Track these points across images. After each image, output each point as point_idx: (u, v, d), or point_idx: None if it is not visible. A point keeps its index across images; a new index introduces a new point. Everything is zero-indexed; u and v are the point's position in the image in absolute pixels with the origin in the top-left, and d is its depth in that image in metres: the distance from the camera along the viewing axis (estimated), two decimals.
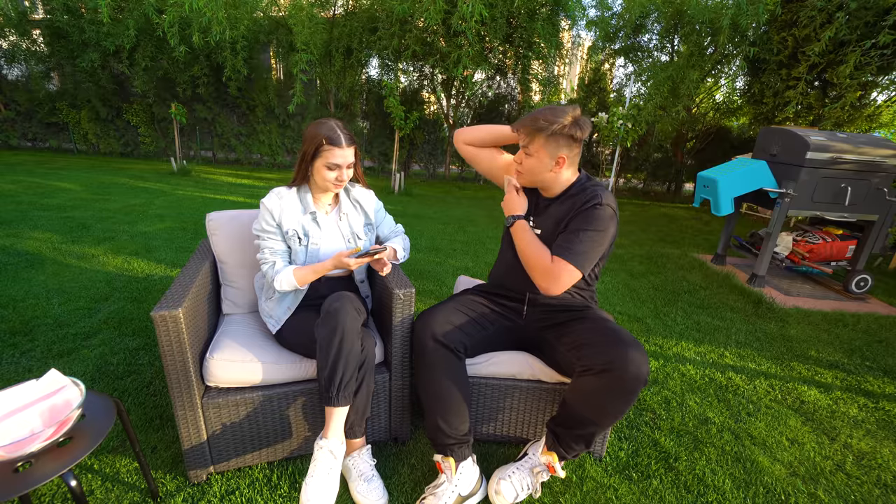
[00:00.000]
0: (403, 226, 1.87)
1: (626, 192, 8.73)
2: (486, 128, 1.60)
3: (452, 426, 1.37)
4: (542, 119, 1.31)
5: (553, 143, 1.32)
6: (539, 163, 1.36)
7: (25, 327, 2.24)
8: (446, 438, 1.38)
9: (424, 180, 8.49)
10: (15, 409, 1.02)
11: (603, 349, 1.27)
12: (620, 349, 1.24)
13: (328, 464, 1.27)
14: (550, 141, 1.32)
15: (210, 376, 1.35)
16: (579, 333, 1.39)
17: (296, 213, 1.50)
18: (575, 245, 1.30)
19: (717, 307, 3.09)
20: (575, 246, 1.30)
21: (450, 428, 1.37)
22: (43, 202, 4.71)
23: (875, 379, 2.28)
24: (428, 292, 2.99)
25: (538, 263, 1.34)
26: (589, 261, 1.32)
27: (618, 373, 1.22)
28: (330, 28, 7.22)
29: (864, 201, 3.22)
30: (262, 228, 1.48)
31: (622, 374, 1.21)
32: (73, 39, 7.57)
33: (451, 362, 1.39)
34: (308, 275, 1.45)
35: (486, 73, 8.07)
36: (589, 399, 1.30)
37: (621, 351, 1.23)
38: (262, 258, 1.48)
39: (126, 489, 1.37)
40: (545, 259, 1.33)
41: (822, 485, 1.57)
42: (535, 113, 1.34)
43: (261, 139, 8.63)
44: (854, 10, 4.67)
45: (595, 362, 1.26)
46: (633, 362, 1.21)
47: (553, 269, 1.31)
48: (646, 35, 7.23)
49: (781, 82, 5.67)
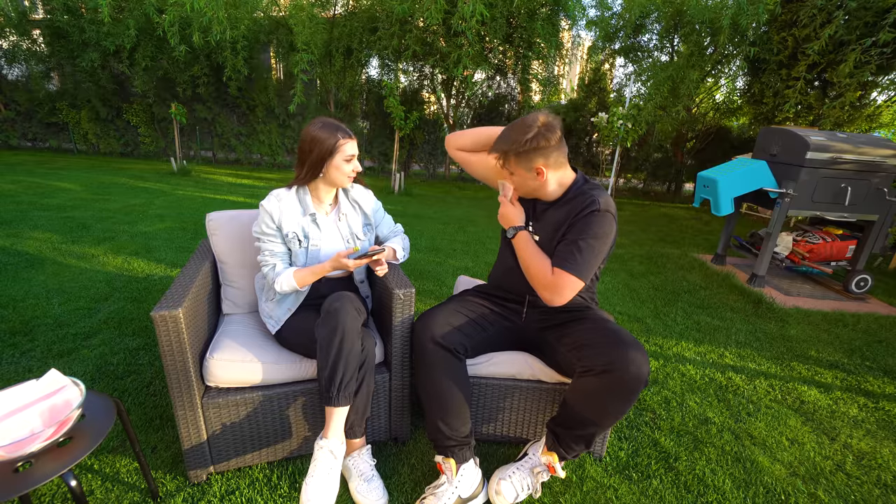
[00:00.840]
0: (403, 226, 1.87)
1: (626, 192, 8.73)
2: (476, 131, 1.60)
3: (453, 428, 1.37)
4: (506, 140, 1.33)
5: (525, 158, 1.32)
6: (521, 178, 1.38)
7: (25, 327, 2.24)
8: (446, 440, 1.38)
9: (424, 180, 8.49)
10: (15, 409, 1.02)
11: (604, 350, 1.27)
12: (621, 350, 1.24)
13: (328, 464, 1.27)
14: (522, 157, 1.32)
15: (210, 376, 1.35)
16: (580, 334, 1.39)
17: (295, 215, 1.51)
18: (575, 255, 1.30)
19: (717, 307, 3.09)
20: (575, 256, 1.30)
21: (450, 429, 1.37)
22: (43, 202, 4.71)
23: (875, 379, 2.28)
24: (428, 292, 2.99)
25: (540, 276, 1.34)
26: (590, 268, 1.32)
27: (618, 373, 1.22)
28: (330, 28, 7.23)
29: (864, 201, 3.22)
30: (262, 231, 1.49)
31: (623, 375, 1.21)
32: (73, 39, 7.57)
33: (450, 363, 1.39)
34: (308, 276, 1.46)
35: (486, 73, 8.08)
36: (589, 399, 1.30)
37: (622, 351, 1.23)
38: (263, 260, 1.50)
39: (126, 489, 1.37)
40: (546, 272, 1.33)
41: (822, 485, 1.57)
42: (502, 133, 1.37)
43: (261, 139, 8.63)
44: (854, 10, 4.68)
45: (596, 363, 1.26)
46: (634, 363, 1.21)
47: (555, 281, 1.31)
48: (646, 35, 7.23)
49: (781, 82, 5.67)
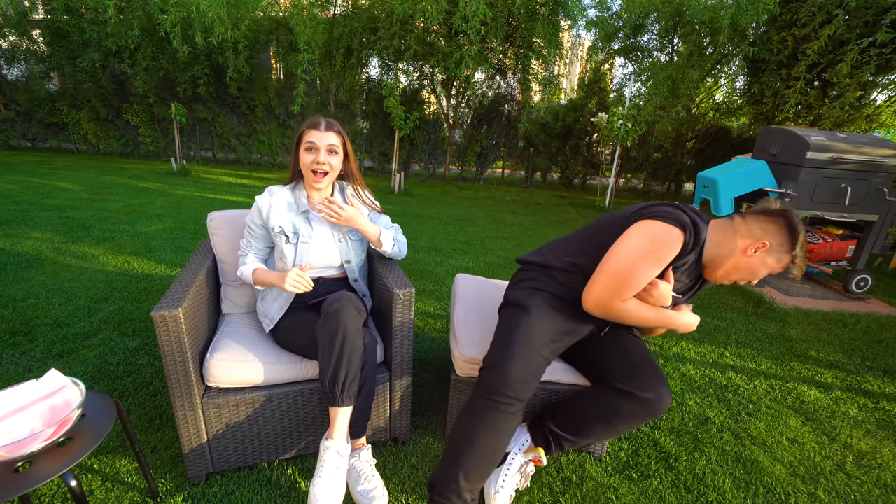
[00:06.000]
0: (403, 226, 1.87)
1: (626, 192, 8.73)
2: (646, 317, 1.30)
3: (471, 483, 1.22)
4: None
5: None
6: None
7: (25, 327, 2.24)
8: (454, 495, 1.21)
9: (424, 180, 8.48)
10: (15, 409, 1.02)
11: (651, 382, 1.26)
12: (663, 387, 1.26)
13: (335, 463, 1.27)
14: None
15: (210, 376, 1.35)
16: (626, 349, 1.36)
17: (285, 210, 1.52)
18: None
19: (717, 307, 3.09)
20: None
21: (468, 485, 1.21)
22: (43, 202, 4.71)
23: (875, 379, 2.28)
24: (428, 292, 2.99)
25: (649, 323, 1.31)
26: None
27: (652, 409, 1.25)
28: (330, 28, 7.23)
29: (864, 201, 3.22)
30: (248, 223, 1.55)
31: (653, 412, 1.25)
32: (73, 39, 7.57)
33: (513, 421, 1.24)
34: (265, 279, 1.47)
35: (486, 73, 8.08)
36: (611, 419, 1.29)
37: (662, 390, 1.25)
38: (241, 248, 1.57)
39: (126, 489, 1.37)
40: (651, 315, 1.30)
41: (822, 485, 1.57)
42: None
43: (261, 139, 8.63)
44: (854, 9, 4.68)
45: (641, 392, 1.25)
46: (665, 404, 1.25)
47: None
48: (645, 35, 7.24)
49: (781, 82, 5.67)
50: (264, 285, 1.50)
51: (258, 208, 1.52)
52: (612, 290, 1.22)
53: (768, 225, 1.22)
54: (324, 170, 1.48)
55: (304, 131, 1.48)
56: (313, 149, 1.47)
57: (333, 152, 1.50)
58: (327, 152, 1.48)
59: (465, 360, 1.50)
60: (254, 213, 1.53)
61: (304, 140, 1.47)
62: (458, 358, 1.52)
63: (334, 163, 1.50)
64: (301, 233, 1.51)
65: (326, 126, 1.48)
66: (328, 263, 1.56)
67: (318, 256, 1.53)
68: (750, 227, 1.24)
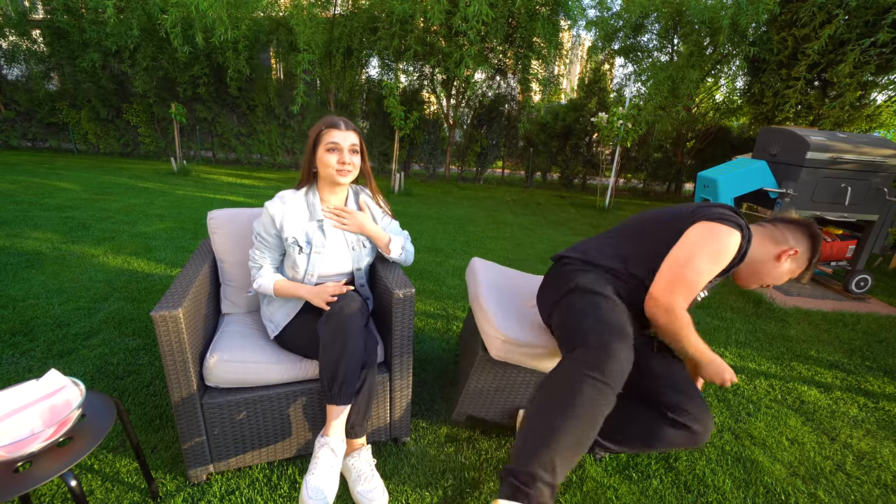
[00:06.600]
0: (404, 226, 1.86)
1: (626, 192, 8.73)
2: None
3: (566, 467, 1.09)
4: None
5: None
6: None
7: (25, 327, 2.24)
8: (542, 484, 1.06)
9: (424, 180, 8.48)
10: (15, 409, 1.02)
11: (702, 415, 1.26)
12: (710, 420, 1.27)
13: (329, 461, 1.27)
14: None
15: (210, 376, 1.35)
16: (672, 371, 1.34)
17: (300, 219, 1.47)
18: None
19: (717, 307, 3.09)
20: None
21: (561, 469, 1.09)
22: (43, 202, 4.71)
23: (875, 379, 2.28)
24: (428, 292, 2.99)
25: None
26: None
27: (698, 440, 1.26)
28: (330, 28, 7.23)
29: (864, 201, 3.22)
30: (260, 233, 1.48)
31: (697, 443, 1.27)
32: (73, 39, 7.57)
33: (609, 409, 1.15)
34: (288, 291, 1.46)
35: (486, 73, 8.08)
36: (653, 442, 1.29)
37: (710, 423, 1.27)
38: (252, 259, 1.50)
39: (126, 489, 1.37)
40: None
41: (822, 485, 1.57)
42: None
43: (261, 139, 8.63)
44: (854, 9, 4.68)
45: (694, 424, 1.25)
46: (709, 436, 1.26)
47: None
48: (645, 35, 7.24)
49: (781, 82, 5.67)
50: (289, 297, 1.48)
51: (271, 217, 1.45)
52: (677, 290, 1.22)
53: (797, 233, 1.31)
54: (348, 170, 1.46)
55: (322, 132, 1.44)
56: (336, 149, 1.44)
57: (355, 152, 1.48)
58: (350, 152, 1.46)
59: (504, 339, 1.42)
60: (266, 223, 1.46)
61: (326, 141, 1.43)
62: (495, 337, 1.43)
63: (357, 162, 1.49)
64: (314, 243, 1.47)
65: (346, 126, 1.46)
66: (339, 271, 1.55)
67: (330, 266, 1.51)
68: (784, 235, 1.31)
